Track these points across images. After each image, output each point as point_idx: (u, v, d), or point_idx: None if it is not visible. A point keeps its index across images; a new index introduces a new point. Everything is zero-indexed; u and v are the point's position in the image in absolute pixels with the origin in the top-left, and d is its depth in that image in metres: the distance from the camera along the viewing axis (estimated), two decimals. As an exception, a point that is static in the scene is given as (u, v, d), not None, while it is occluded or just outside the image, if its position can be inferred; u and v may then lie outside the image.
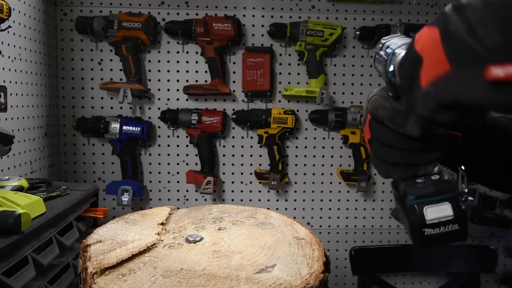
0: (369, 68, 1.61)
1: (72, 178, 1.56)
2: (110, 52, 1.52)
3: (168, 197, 1.60)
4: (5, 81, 1.14)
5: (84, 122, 1.48)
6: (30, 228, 0.69)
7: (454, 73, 0.34)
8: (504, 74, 0.30)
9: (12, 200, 0.71)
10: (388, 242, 1.68)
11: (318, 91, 1.49)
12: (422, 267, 1.56)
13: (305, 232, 0.68)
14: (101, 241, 0.61)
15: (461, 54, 0.33)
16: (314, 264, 0.55)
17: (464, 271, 1.52)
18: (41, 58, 1.38)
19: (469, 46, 0.32)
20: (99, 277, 0.52)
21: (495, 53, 0.31)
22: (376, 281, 1.50)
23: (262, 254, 0.58)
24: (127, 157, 1.50)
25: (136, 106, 1.55)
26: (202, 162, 1.54)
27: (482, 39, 0.31)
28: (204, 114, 1.50)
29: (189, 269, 0.53)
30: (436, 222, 0.43)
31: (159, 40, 1.54)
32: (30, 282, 0.68)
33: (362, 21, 1.58)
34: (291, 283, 0.50)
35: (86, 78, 1.53)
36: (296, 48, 1.52)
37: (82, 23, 1.45)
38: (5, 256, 0.62)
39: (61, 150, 1.54)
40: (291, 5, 1.56)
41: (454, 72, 0.34)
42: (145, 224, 0.69)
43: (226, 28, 1.46)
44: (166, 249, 0.60)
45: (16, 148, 1.20)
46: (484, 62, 0.31)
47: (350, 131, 1.56)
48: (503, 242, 1.72)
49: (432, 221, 0.43)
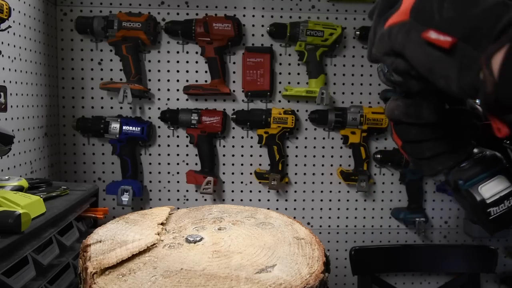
0: (369, 68, 1.61)
1: (72, 178, 1.56)
2: (110, 52, 1.52)
3: (168, 197, 1.60)
4: (5, 81, 1.14)
5: (84, 122, 1.48)
6: (30, 228, 0.69)
7: (407, 24, 0.39)
8: (435, 38, 0.36)
9: (12, 200, 0.71)
10: (388, 242, 1.68)
11: (318, 91, 1.49)
12: (422, 267, 1.56)
13: (305, 232, 0.68)
14: (101, 241, 0.61)
15: (421, 13, 0.38)
16: (314, 264, 0.55)
17: (464, 271, 1.52)
18: (41, 58, 1.38)
19: (431, 10, 0.37)
20: (99, 277, 0.52)
21: (443, 23, 0.36)
22: (376, 281, 1.50)
23: (262, 254, 0.58)
24: (127, 157, 1.50)
25: (136, 106, 1.55)
26: (202, 162, 1.54)
27: (443, 9, 0.37)
28: (204, 114, 1.50)
29: (189, 269, 0.53)
30: (497, 198, 0.40)
31: (159, 40, 1.54)
32: (30, 282, 0.68)
33: (362, 21, 1.58)
34: (291, 283, 0.50)
35: (86, 78, 1.53)
36: (296, 48, 1.52)
37: (82, 23, 1.45)
38: (5, 256, 0.62)
39: (61, 150, 1.54)
40: (291, 5, 1.56)
41: (408, 23, 0.39)
42: (145, 224, 0.69)
43: (226, 28, 1.46)
44: (166, 249, 0.60)
45: (16, 148, 1.20)
46: (431, 25, 0.37)
47: (350, 131, 1.56)
48: (503, 242, 1.72)
49: (492, 198, 0.41)
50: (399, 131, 0.48)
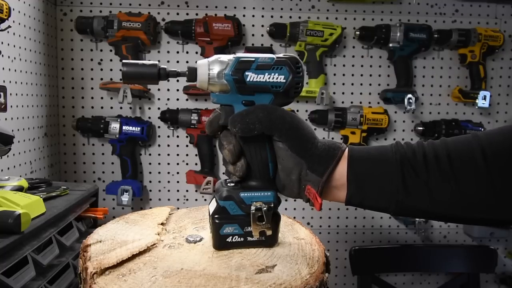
0: (369, 68, 1.61)
1: (72, 178, 1.56)
2: (110, 52, 1.52)
3: (168, 197, 1.60)
4: (5, 81, 1.14)
5: (84, 122, 1.48)
6: (30, 228, 0.69)
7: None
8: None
9: (12, 200, 0.70)
10: (388, 242, 1.68)
11: (318, 91, 1.49)
12: (422, 267, 1.56)
13: (305, 232, 0.68)
14: (101, 241, 0.61)
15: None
16: (314, 264, 0.55)
17: (464, 271, 1.52)
18: (41, 58, 1.38)
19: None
20: (99, 277, 0.51)
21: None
22: (376, 281, 1.50)
23: (262, 254, 0.58)
24: (127, 157, 1.50)
25: (136, 106, 1.55)
26: (202, 162, 1.54)
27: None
28: (204, 114, 1.50)
29: (189, 269, 0.53)
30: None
31: (159, 40, 1.54)
32: (30, 282, 0.68)
33: (362, 21, 1.58)
34: (291, 283, 0.50)
35: (86, 78, 1.53)
36: (296, 48, 1.52)
37: (82, 23, 1.45)
38: (5, 256, 0.62)
39: (61, 150, 1.54)
40: (291, 5, 1.56)
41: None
42: (145, 224, 0.69)
43: (226, 28, 1.46)
44: (166, 249, 0.60)
45: (16, 148, 1.20)
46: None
47: (350, 131, 1.56)
48: (503, 242, 1.72)
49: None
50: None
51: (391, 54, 1.55)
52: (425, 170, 0.51)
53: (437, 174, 0.51)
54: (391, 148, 0.55)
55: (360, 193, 0.54)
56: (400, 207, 0.53)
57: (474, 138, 0.52)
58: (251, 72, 0.54)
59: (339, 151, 0.55)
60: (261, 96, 0.55)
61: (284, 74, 0.55)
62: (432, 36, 1.55)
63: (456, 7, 1.62)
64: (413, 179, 0.52)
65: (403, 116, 1.64)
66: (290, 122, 0.54)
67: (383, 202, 0.53)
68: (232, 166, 0.57)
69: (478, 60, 1.57)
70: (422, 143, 0.54)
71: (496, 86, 1.66)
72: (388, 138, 1.64)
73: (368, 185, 0.54)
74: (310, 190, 0.55)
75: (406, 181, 0.52)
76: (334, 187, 0.55)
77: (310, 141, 0.55)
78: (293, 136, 0.55)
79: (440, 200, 0.51)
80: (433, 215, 0.55)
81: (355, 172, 0.54)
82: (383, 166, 0.53)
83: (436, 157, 0.51)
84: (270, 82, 0.55)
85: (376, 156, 0.54)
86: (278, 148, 0.56)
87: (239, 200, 0.57)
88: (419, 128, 1.60)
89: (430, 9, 1.61)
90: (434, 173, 0.51)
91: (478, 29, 1.56)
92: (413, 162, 0.52)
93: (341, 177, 0.54)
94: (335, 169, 0.54)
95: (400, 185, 0.52)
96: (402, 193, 0.52)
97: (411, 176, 0.52)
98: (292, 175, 0.56)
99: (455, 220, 0.56)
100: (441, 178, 0.51)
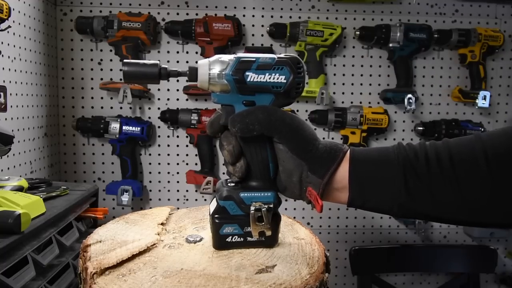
0: (369, 68, 1.61)
1: (72, 178, 1.56)
2: (110, 52, 1.52)
3: (168, 197, 1.60)
4: (5, 81, 1.14)
5: (84, 122, 1.48)
6: (30, 228, 0.69)
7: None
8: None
9: (12, 200, 0.70)
10: (388, 242, 1.68)
11: (318, 91, 1.49)
12: (422, 267, 1.56)
13: (305, 232, 0.68)
14: (101, 241, 0.61)
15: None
16: (314, 264, 0.55)
17: (464, 271, 1.52)
18: (41, 58, 1.38)
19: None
20: (99, 277, 0.51)
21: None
22: (376, 281, 1.50)
23: (262, 254, 0.58)
24: (127, 157, 1.49)
25: (136, 106, 1.55)
26: (202, 162, 1.54)
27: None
28: (204, 114, 1.50)
29: (189, 269, 0.53)
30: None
31: (159, 40, 1.53)
32: (30, 282, 0.68)
33: (362, 21, 1.58)
34: (291, 283, 0.50)
35: (86, 78, 1.53)
36: (296, 48, 1.52)
37: (82, 23, 1.45)
38: (5, 256, 0.62)
39: (61, 150, 1.54)
40: (291, 5, 1.56)
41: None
42: (145, 224, 0.69)
43: (226, 28, 1.46)
44: (166, 249, 0.60)
45: (16, 148, 1.20)
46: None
47: (350, 131, 1.56)
48: (503, 242, 1.72)
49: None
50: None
51: (391, 54, 1.55)
52: (427, 173, 0.51)
53: (439, 177, 0.51)
54: (393, 150, 0.54)
55: (362, 195, 0.54)
56: (403, 210, 0.53)
57: (476, 140, 0.51)
58: (252, 72, 0.54)
59: (341, 152, 0.54)
60: (261, 96, 0.55)
61: (285, 74, 0.55)
62: (432, 36, 1.55)
63: (456, 7, 1.62)
64: (415, 182, 0.51)
65: (403, 116, 1.64)
66: (290, 124, 0.54)
67: (386, 204, 0.53)
68: (231, 167, 0.57)
69: (478, 60, 1.57)
70: (424, 144, 0.54)
71: (496, 86, 1.66)
72: (388, 138, 1.64)
73: (370, 188, 0.53)
74: (311, 192, 0.55)
75: (409, 184, 0.51)
76: (335, 189, 0.55)
77: (311, 143, 0.55)
78: (293, 137, 0.54)
79: (442, 204, 0.51)
80: (436, 218, 0.54)
81: (357, 174, 0.53)
82: (385, 168, 0.53)
83: (438, 160, 0.51)
84: (270, 82, 0.54)
85: (378, 158, 0.54)
86: (279, 150, 0.56)
87: (239, 200, 0.57)
88: (419, 128, 1.60)
89: (430, 9, 1.61)
90: (436, 177, 0.51)
91: (478, 29, 1.56)
92: (415, 164, 0.52)
93: (342, 179, 0.54)
94: (337, 171, 0.54)
95: (402, 188, 0.52)
96: (405, 196, 0.52)
97: (414, 179, 0.51)
98: (293, 177, 0.56)
99: (457, 223, 0.56)
100: (443, 182, 0.50)
